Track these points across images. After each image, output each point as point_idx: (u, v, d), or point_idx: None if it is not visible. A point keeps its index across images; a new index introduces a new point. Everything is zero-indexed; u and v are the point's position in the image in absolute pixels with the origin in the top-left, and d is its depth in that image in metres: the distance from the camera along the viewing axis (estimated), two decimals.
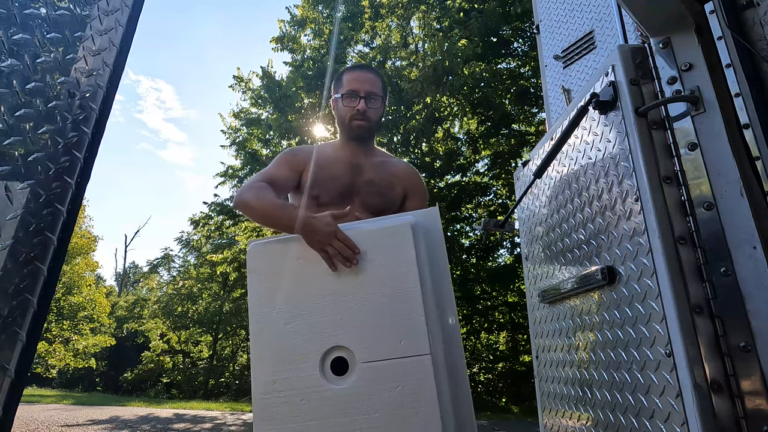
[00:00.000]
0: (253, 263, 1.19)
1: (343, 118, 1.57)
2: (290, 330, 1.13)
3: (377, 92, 1.57)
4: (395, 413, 1.03)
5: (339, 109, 1.59)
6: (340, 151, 1.61)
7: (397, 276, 1.13)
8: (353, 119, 1.54)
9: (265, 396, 1.09)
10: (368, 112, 1.55)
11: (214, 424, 7.24)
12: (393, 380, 1.05)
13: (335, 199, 1.51)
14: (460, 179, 11.54)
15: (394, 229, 1.17)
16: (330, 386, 1.07)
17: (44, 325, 0.68)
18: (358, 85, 1.55)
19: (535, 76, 10.05)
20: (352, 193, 1.54)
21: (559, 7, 2.05)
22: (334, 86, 1.64)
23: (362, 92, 1.54)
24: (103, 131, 0.74)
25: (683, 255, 0.87)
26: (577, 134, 1.24)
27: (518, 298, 11.03)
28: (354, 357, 1.08)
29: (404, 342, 1.07)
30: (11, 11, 0.69)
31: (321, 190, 1.50)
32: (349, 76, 1.58)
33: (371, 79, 1.57)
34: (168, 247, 27.77)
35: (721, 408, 0.77)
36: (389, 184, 1.61)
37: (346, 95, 1.55)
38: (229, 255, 13.84)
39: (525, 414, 8.61)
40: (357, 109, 1.53)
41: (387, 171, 1.63)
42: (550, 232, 1.40)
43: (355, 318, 1.11)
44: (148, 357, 17.38)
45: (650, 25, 1.04)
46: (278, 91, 10.64)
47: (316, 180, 1.51)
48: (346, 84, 1.57)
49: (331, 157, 1.59)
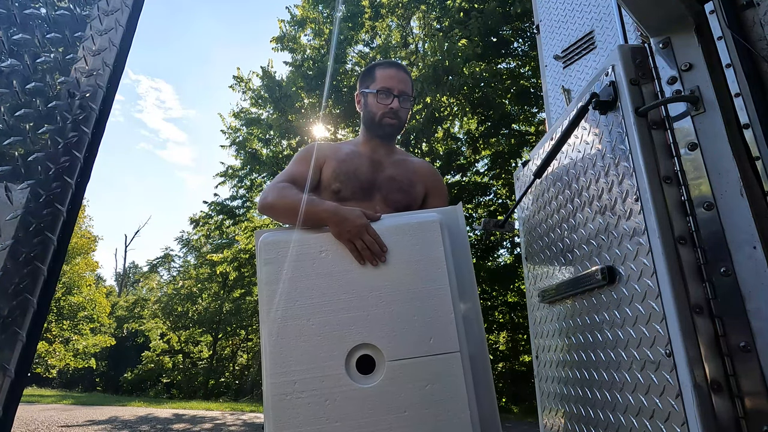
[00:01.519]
0: (268, 255, 1.12)
1: (374, 114, 1.55)
2: (312, 326, 1.06)
3: (409, 92, 1.57)
4: (426, 411, 1.01)
5: (369, 105, 1.57)
6: (362, 146, 1.60)
7: (425, 273, 1.11)
8: (385, 116, 1.53)
9: (284, 398, 1.01)
10: (400, 111, 1.55)
11: (213, 424, 7.24)
12: (423, 378, 1.03)
13: (357, 193, 1.49)
14: (460, 179, 11.54)
15: (423, 225, 1.16)
16: (357, 385, 1.03)
17: (44, 325, 0.68)
18: (393, 84, 1.53)
19: (535, 76, 10.05)
20: (373, 189, 1.52)
21: (559, 7, 2.05)
22: (362, 80, 1.61)
23: (396, 91, 1.53)
24: (103, 131, 0.74)
25: (683, 255, 0.87)
26: (577, 134, 1.24)
27: (518, 298, 11.02)
28: (381, 355, 1.05)
29: (434, 339, 1.06)
30: (11, 11, 0.69)
31: (343, 184, 1.48)
32: (384, 73, 1.56)
33: (405, 79, 1.57)
34: (168, 247, 27.77)
35: (721, 408, 0.77)
36: (410, 182, 1.59)
37: (381, 92, 1.53)
38: (229, 255, 13.85)
39: (525, 414, 8.61)
40: (390, 107, 1.52)
41: (408, 169, 1.62)
42: (550, 232, 1.40)
43: (382, 315, 1.08)
44: (148, 357, 17.39)
45: (650, 25, 1.04)
46: (278, 91, 10.64)
47: (337, 174, 1.49)
48: (380, 80, 1.55)
49: (353, 152, 1.57)
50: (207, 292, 17.89)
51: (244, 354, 17.86)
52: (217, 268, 14.80)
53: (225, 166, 12.47)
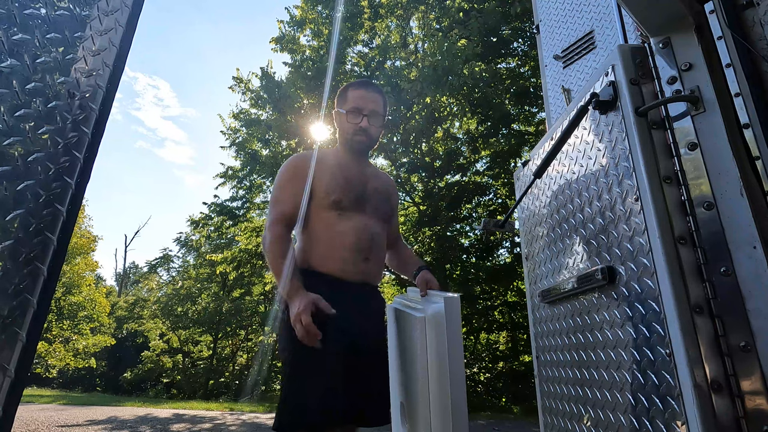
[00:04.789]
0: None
1: (346, 132, 1.66)
2: None
3: (379, 111, 1.66)
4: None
5: (342, 124, 1.67)
6: (345, 158, 1.68)
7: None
8: (355, 134, 1.63)
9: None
10: (370, 129, 1.64)
11: (213, 424, 7.24)
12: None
13: (353, 204, 1.58)
14: (460, 179, 11.54)
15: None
16: None
17: (44, 325, 0.68)
18: (363, 104, 1.63)
19: (534, 75, 10.05)
20: (364, 200, 1.62)
21: (559, 7, 2.05)
22: (338, 101, 1.72)
23: (366, 110, 1.63)
24: (103, 131, 0.74)
25: (683, 255, 0.87)
26: (577, 134, 1.24)
27: (518, 298, 11.02)
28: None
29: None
30: (11, 11, 0.69)
31: (343, 194, 1.56)
32: (354, 94, 1.65)
33: (375, 99, 1.65)
34: (167, 248, 27.75)
35: (721, 408, 0.77)
36: (388, 194, 1.73)
37: (350, 112, 1.63)
38: (228, 255, 13.84)
39: (525, 414, 8.61)
40: (360, 126, 1.62)
41: (383, 181, 1.76)
42: (550, 232, 1.40)
43: None
44: (148, 357, 17.37)
45: (650, 25, 1.04)
46: (278, 92, 10.63)
47: (336, 184, 1.57)
48: (351, 101, 1.65)
49: (339, 163, 1.65)
50: (206, 292, 17.89)
51: (244, 354, 17.85)
52: (217, 268, 14.79)
53: (225, 167, 12.47)
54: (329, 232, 1.54)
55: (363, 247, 1.55)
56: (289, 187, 1.57)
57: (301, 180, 1.57)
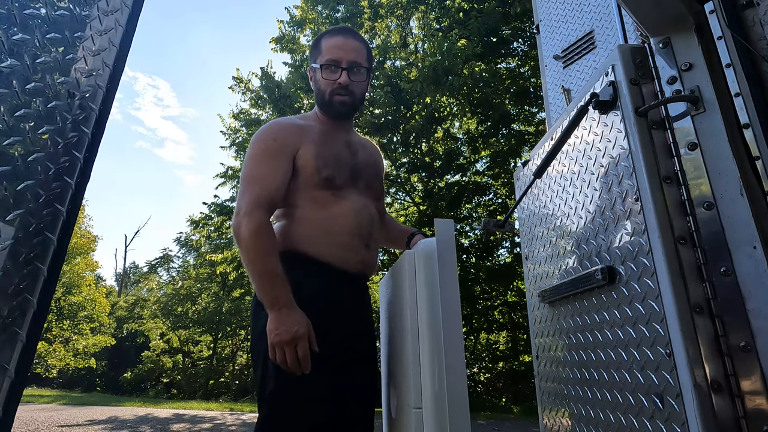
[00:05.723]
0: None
1: (323, 92, 1.34)
2: None
3: (362, 62, 1.35)
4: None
5: (317, 82, 1.36)
6: (327, 124, 1.39)
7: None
8: (334, 94, 1.33)
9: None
10: (351, 85, 1.33)
11: (213, 424, 7.23)
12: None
13: (347, 180, 1.33)
14: (460, 179, 11.54)
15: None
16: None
17: (44, 325, 0.68)
18: (341, 54, 1.32)
19: (534, 75, 10.05)
20: (357, 175, 1.37)
21: (559, 7, 2.05)
22: (311, 54, 1.41)
23: (344, 63, 1.32)
24: (103, 131, 0.74)
25: (683, 255, 0.87)
26: (577, 134, 1.24)
27: (518, 298, 11.02)
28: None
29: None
30: (11, 11, 0.69)
31: (334, 170, 1.30)
32: (329, 43, 1.34)
33: (355, 47, 1.34)
34: (167, 248, 27.76)
35: (721, 408, 0.77)
36: (377, 168, 1.49)
37: (326, 66, 1.32)
38: (228, 255, 13.84)
39: (525, 414, 8.61)
40: (338, 83, 1.32)
41: (370, 152, 1.49)
42: (550, 232, 1.40)
43: None
44: (148, 357, 17.37)
45: (650, 25, 1.04)
46: (277, 92, 10.64)
47: (324, 159, 1.29)
48: (326, 52, 1.33)
49: (323, 131, 1.36)
50: (206, 292, 17.89)
51: (244, 354, 17.83)
52: (217, 268, 14.79)
53: (225, 167, 12.47)
54: (321, 214, 1.26)
55: (363, 232, 1.30)
56: (271, 161, 1.25)
57: (285, 153, 1.27)
